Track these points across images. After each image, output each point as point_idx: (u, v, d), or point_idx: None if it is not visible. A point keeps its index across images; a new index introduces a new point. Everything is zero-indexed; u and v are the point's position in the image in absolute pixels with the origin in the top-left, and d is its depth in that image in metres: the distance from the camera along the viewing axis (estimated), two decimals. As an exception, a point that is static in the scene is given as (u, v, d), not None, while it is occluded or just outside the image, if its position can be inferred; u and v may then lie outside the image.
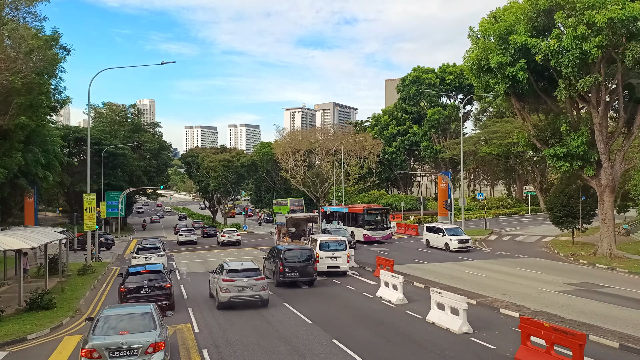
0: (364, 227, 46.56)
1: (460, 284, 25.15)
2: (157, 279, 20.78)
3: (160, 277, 20.92)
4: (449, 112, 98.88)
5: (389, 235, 48.13)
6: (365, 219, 46.96)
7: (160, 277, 20.92)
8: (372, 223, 47.30)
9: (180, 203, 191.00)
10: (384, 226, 47.78)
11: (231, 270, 21.59)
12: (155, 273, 21.14)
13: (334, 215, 53.04)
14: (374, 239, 46.12)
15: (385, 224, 48.09)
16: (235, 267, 22.06)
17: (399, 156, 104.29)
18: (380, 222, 47.66)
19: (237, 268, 21.86)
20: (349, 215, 49.96)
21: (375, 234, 46.57)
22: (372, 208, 49.74)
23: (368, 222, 47.12)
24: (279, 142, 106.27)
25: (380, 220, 47.79)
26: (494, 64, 32.81)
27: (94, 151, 75.38)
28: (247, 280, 21.16)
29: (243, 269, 21.87)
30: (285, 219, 37.03)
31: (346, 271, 29.23)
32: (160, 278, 20.85)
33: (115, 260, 41.82)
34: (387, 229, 48.00)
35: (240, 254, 43.07)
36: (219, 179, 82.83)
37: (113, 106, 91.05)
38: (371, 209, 48.63)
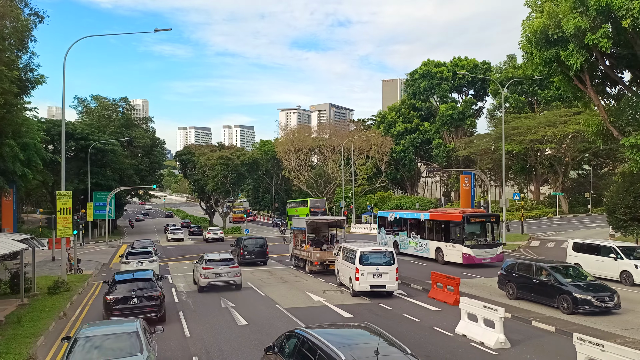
0: (463, 242, 31.38)
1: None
2: (147, 287, 18.82)
3: (150, 285, 18.94)
4: (462, 108, 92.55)
5: (500, 255, 31.90)
6: (466, 231, 31.69)
7: (150, 285, 18.94)
8: (477, 237, 32.24)
9: (174, 205, 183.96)
10: (494, 241, 32.41)
11: (209, 260, 25.74)
12: (145, 281, 19.17)
13: (404, 224, 38.52)
14: (479, 261, 31.34)
15: (494, 238, 32.60)
16: (213, 257, 26.16)
17: (407, 155, 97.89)
18: (487, 236, 32.43)
19: (215, 258, 25.97)
20: (433, 225, 34.91)
21: (482, 254, 31.41)
22: (477, 215, 33.71)
23: (470, 236, 32.01)
24: (281, 139, 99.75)
25: (486, 233, 32.49)
26: (570, 30, 26.30)
27: (80, 147, 68.54)
28: (223, 268, 25.22)
29: (220, 258, 25.96)
30: (306, 222, 30.31)
31: (393, 291, 22.67)
32: (150, 287, 18.87)
33: (98, 272, 35.01)
34: (497, 245, 32.28)
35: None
36: (218, 178, 75.88)
37: (102, 100, 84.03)
38: (475, 216, 32.86)
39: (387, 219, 41.07)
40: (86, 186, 64.86)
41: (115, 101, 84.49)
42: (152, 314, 18.12)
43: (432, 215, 35.39)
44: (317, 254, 29.28)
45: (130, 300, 18.24)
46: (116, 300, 18.22)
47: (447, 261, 32.69)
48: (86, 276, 31.55)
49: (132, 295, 18.36)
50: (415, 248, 36.54)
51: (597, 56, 28.27)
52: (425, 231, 35.66)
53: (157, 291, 18.73)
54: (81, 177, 68.09)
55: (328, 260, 28.98)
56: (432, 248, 34.46)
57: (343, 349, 8.40)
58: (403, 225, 38.67)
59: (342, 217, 36.84)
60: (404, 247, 37.77)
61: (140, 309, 18.05)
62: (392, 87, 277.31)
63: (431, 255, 34.47)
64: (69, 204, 27.56)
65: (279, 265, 35.31)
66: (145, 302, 18.34)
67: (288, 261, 36.12)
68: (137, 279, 19.43)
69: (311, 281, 27.58)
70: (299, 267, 32.56)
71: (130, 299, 18.28)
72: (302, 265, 31.70)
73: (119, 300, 18.21)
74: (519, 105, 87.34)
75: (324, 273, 29.50)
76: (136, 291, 18.52)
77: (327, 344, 8.68)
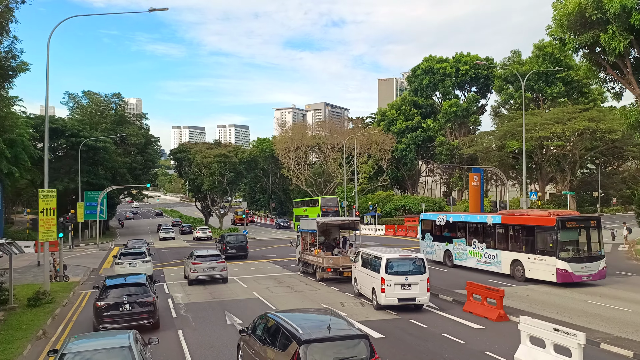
0: (557, 254, 23.80)
1: (625, 330, 15.88)
2: (140, 292, 17.80)
3: (143, 290, 17.91)
4: (466, 104, 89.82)
5: (602, 271, 24.49)
6: (561, 239, 24.00)
7: (143, 290, 17.91)
8: (574, 247, 24.53)
9: (168, 205, 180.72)
10: (595, 252, 24.66)
11: (198, 255, 28.09)
12: (137, 286, 18.12)
13: (460, 230, 31.03)
14: (577, 279, 23.90)
15: (594, 249, 24.83)
16: (201, 253, 28.39)
17: (409, 153, 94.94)
18: (586, 246, 24.72)
19: (204, 254, 28.28)
20: (507, 231, 27.54)
21: (581, 270, 23.90)
22: (574, 218, 25.53)
23: (566, 246, 24.25)
24: (279, 136, 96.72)
25: (587, 242, 24.77)
26: (615, 10, 23.62)
27: (71, 144, 65.47)
28: (210, 263, 27.62)
29: (208, 255, 28.28)
30: (316, 224, 27.35)
31: (423, 305, 19.81)
32: (143, 292, 17.85)
33: (87, 279, 31.96)
34: (598, 257, 24.50)
35: (247, 267, 33.77)
36: (214, 177, 72.71)
37: (94, 96, 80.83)
38: (572, 220, 24.87)
39: (435, 223, 33.26)
40: (77, 185, 61.81)
41: (107, 97, 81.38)
42: (145, 320, 17.30)
43: (506, 218, 27.53)
44: (329, 260, 26.38)
45: (122, 307, 17.23)
46: (107, 306, 17.15)
47: (530, 278, 25.19)
48: (72, 284, 28.53)
49: (124, 301, 17.34)
50: (478, 260, 28.87)
51: None
52: (494, 239, 27.95)
53: (151, 296, 17.71)
54: (72, 176, 65.06)
55: (342, 266, 26.13)
56: (506, 261, 26.83)
57: (302, 325, 10.17)
58: (459, 231, 31.00)
59: (356, 217, 33.85)
60: (461, 258, 30.36)
61: (133, 315, 17.22)
62: (387, 86, 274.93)
63: (504, 269, 26.98)
64: (52, 204, 24.56)
65: (285, 271, 32.39)
66: (138, 308, 17.36)
67: (295, 266, 33.25)
68: (129, 283, 18.39)
69: (324, 291, 24.70)
70: (308, 273, 29.70)
71: (122, 305, 17.26)
72: (312, 272, 28.83)
73: (110, 307, 17.16)
74: (525, 102, 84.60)
75: (337, 281, 26.65)
76: (128, 297, 17.52)
77: (290, 322, 10.44)
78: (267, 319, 11.54)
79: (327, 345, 9.68)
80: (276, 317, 11.21)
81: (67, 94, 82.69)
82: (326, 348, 9.62)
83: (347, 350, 9.73)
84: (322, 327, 10.09)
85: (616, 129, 68.21)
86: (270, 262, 37.41)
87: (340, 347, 9.78)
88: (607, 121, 69.20)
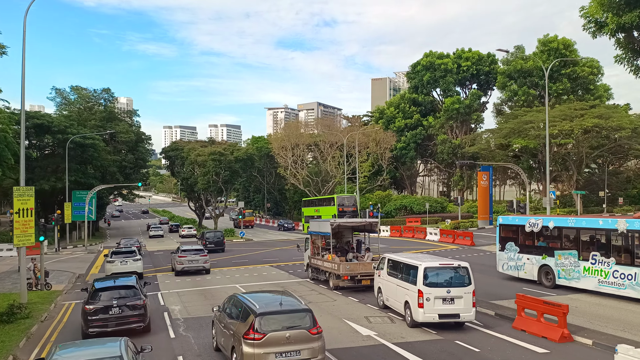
0: None
1: None
2: (130, 295, 17.32)
3: (134, 293, 17.46)
4: (469, 101, 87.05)
5: None
6: None
7: (134, 293, 17.46)
8: None
9: (160, 205, 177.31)
10: None
11: (184, 250, 33.02)
12: (127, 288, 17.65)
13: (568, 238, 23.12)
14: None
15: None
16: (187, 248, 33.60)
17: (409, 152, 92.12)
18: None
19: (188, 249, 33.31)
20: None
21: None
22: None
23: None
24: (275, 134, 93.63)
25: None
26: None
27: (58, 141, 62.09)
28: (194, 256, 31.99)
29: (192, 249, 33.26)
30: (331, 226, 24.28)
31: (467, 322, 16.80)
32: (134, 294, 17.39)
33: (72, 287, 28.76)
34: None
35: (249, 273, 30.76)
36: (209, 176, 69.38)
37: (83, 91, 77.34)
38: None
39: (522, 229, 25.15)
40: (64, 185, 58.51)
41: (96, 93, 77.84)
42: (135, 324, 16.80)
43: None
44: (346, 267, 23.33)
45: (111, 310, 16.68)
46: (96, 310, 16.58)
47: None
48: (55, 293, 25.34)
49: (114, 305, 16.77)
50: (601, 280, 21.04)
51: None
52: (631, 252, 20.28)
53: (141, 299, 17.22)
54: (59, 175, 61.80)
55: (361, 274, 23.13)
56: None
57: (259, 302, 13.07)
58: (566, 240, 23.16)
59: (374, 219, 30.70)
60: (570, 277, 22.44)
61: (123, 319, 16.70)
62: (381, 85, 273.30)
63: None
64: (30, 204, 21.41)
65: (292, 278, 29.35)
66: (128, 311, 16.81)
67: (302, 272, 30.25)
68: (119, 286, 17.92)
69: (341, 302, 21.70)
70: (319, 280, 26.69)
71: (111, 308, 16.70)
72: (324, 279, 25.83)
73: (99, 310, 16.61)
74: (529, 98, 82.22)
75: (353, 290, 23.68)
76: (118, 300, 16.97)
77: (251, 300, 13.38)
78: (234, 298, 14.25)
79: (279, 316, 12.46)
80: (240, 297, 14.04)
81: (54, 89, 79.40)
82: (277, 318, 12.39)
83: (294, 321, 12.43)
84: (275, 304, 13.10)
85: (625, 126, 65.92)
86: (274, 267, 34.37)
87: (289, 318, 12.51)
88: (615, 118, 66.78)
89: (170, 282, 28.90)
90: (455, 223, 55.99)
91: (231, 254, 44.91)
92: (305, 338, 12.29)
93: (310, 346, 12.36)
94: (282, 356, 12.08)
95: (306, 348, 12.30)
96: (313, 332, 12.44)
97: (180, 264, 31.33)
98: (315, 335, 12.45)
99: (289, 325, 12.25)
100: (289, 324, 12.29)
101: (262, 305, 12.55)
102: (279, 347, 12.05)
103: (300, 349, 12.19)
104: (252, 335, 11.99)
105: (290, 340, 12.10)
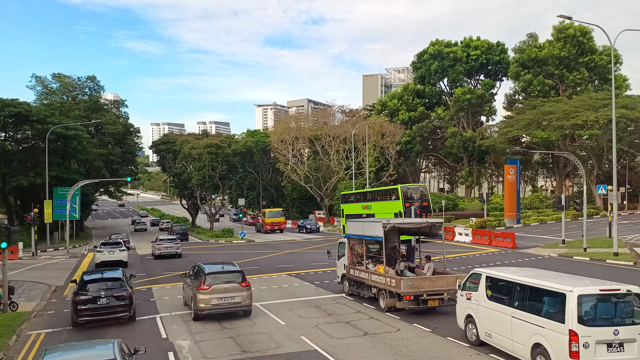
0: None
1: None
2: (116, 287, 18.49)
3: (120, 285, 18.59)
4: (481, 91, 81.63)
5: None
6: None
7: (120, 285, 18.59)
8: None
9: (149, 203, 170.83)
10: None
11: (161, 239, 42.94)
12: (114, 281, 18.80)
13: None
14: None
15: None
16: (163, 237, 44.07)
17: (414, 147, 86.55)
18: None
19: (165, 238, 43.75)
20: None
21: None
22: None
23: None
24: (276, 127, 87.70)
25: None
26: None
27: (37, 132, 55.88)
28: (169, 244, 41.54)
29: (168, 238, 43.38)
30: (383, 228, 18.61)
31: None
32: (120, 286, 18.53)
33: (45, 305, 22.78)
34: None
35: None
36: (205, 171, 63.29)
37: (66, 79, 71.01)
38: None
39: None
40: (44, 180, 52.46)
41: (80, 80, 71.49)
42: (122, 313, 18.11)
43: None
44: (409, 283, 17.56)
45: (99, 300, 17.89)
46: (85, 300, 17.77)
47: None
48: (21, 317, 19.35)
49: (102, 295, 17.99)
50: None
51: None
52: None
53: (127, 290, 18.43)
54: (39, 170, 55.64)
55: (427, 292, 17.51)
56: None
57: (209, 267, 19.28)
58: None
59: (437, 218, 24.58)
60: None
61: (110, 309, 17.95)
62: (372, 82, 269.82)
63: None
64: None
65: (323, 292, 23.47)
66: (115, 302, 18.06)
67: (334, 285, 24.55)
68: (106, 278, 19.06)
69: (409, 332, 15.98)
70: (360, 297, 21.06)
71: (99, 299, 17.91)
72: (369, 296, 20.22)
73: (88, 301, 17.79)
74: (545, 89, 77.08)
75: (415, 312, 18.11)
76: (105, 291, 18.17)
77: (204, 266, 19.42)
78: (195, 266, 20.45)
79: (219, 275, 18.69)
80: (198, 264, 20.23)
81: (34, 77, 72.63)
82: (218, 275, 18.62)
83: (229, 277, 18.57)
84: (219, 267, 19.65)
85: (652, 116, 61.33)
86: (293, 276, 28.55)
87: (226, 275, 18.70)
88: (642, 108, 62.05)
89: (170, 299, 23.04)
90: (481, 222, 50.54)
91: (235, 258, 39.20)
92: (237, 289, 18.13)
93: (241, 294, 18.15)
94: (222, 300, 17.96)
95: (238, 295, 18.08)
96: (243, 285, 18.27)
97: (159, 250, 41.35)
98: (244, 287, 18.29)
99: (226, 280, 18.27)
100: (225, 279, 18.35)
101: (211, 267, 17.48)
102: (220, 294, 17.98)
103: (233, 295, 18.05)
104: (203, 287, 17.93)
105: (227, 289, 18.02)
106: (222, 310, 18.04)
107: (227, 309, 18.07)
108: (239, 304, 18.15)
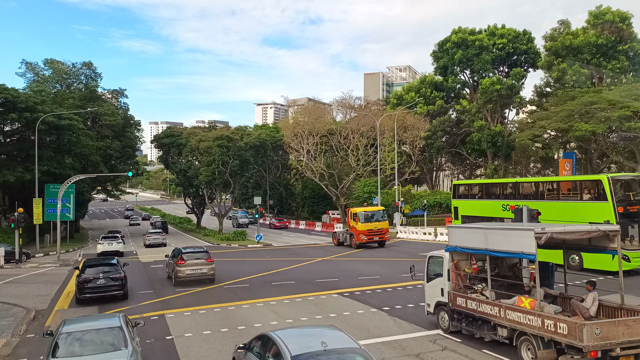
0: None
1: None
2: (112, 270, 22.84)
3: (115, 269, 22.98)
4: (511, 82, 75.23)
5: None
6: None
7: (115, 269, 22.98)
8: None
9: (148, 202, 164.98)
10: None
11: (150, 232, 53.98)
12: (110, 265, 23.22)
13: None
14: None
15: None
16: (152, 230, 56.35)
17: (435, 142, 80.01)
18: None
19: (153, 231, 54.73)
20: None
21: None
22: None
23: None
24: (289, 119, 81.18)
25: None
26: None
27: (26, 122, 49.40)
28: (157, 236, 51.64)
29: (155, 232, 54.33)
30: (535, 239, 12.09)
31: None
32: (115, 270, 22.91)
33: (18, 342, 16.27)
34: None
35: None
36: (214, 166, 56.66)
37: (59, 65, 64.47)
38: None
39: None
40: (34, 176, 46.12)
41: (75, 67, 64.89)
42: (116, 291, 22.42)
43: None
44: (594, 331, 11.07)
45: (98, 281, 22.10)
46: (86, 280, 22.01)
47: None
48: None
49: (100, 277, 22.21)
50: None
51: None
52: None
53: (120, 273, 22.85)
54: (29, 165, 49.26)
55: (622, 345, 11.05)
56: None
57: (184, 249, 28.19)
58: None
59: (610, 225, 16.88)
60: None
61: (107, 287, 22.25)
62: (374, 81, 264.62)
63: None
64: None
65: (409, 327, 16.62)
66: (111, 282, 22.32)
67: (416, 314, 18.08)
68: (104, 263, 23.76)
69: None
70: (471, 336, 14.68)
71: (98, 279, 22.13)
72: (491, 339, 13.82)
73: (89, 281, 22.02)
74: (582, 79, 70.87)
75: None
76: (103, 273, 22.42)
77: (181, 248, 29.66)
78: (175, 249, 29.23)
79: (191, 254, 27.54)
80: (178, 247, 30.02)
81: (23, 63, 66.01)
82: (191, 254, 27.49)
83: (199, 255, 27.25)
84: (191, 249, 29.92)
85: None
86: (347, 297, 21.90)
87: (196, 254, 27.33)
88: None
89: (194, 337, 16.68)
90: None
91: (255, 267, 32.80)
92: (204, 264, 26.27)
93: (207, 267, 26.28)
94: (193, 271, 25.84)
95: (205, 268, 26.19)
96: (208, 260, 26.42)
97: (148, 241, 50.73)
98: (209, 262, 26.44)
99: (197, 257, 26.41)
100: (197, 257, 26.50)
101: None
102: (192, 266, 25.93)
103: (202, 267, 26.12)
104: (180, 262, 25.93)
105: (197, 264, 26.08)
106: (193, 278, 25.84)
107: (197, 278, 25.90)
108: (205, 274, 26.12)
